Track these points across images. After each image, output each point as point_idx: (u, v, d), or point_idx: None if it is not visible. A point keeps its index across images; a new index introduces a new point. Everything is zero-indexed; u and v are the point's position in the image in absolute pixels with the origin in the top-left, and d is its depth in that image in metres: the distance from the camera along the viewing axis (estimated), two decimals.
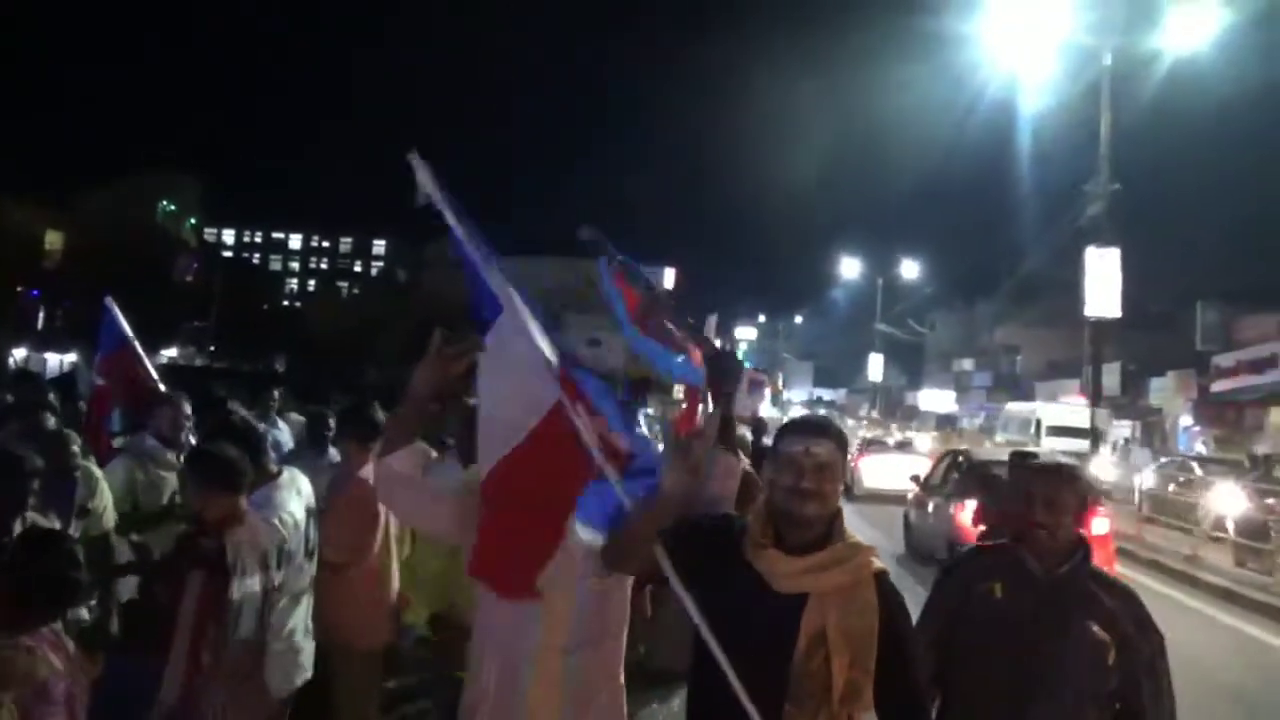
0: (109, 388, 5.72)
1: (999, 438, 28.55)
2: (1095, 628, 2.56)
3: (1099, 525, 9.02)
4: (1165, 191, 31.06)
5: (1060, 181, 22.50)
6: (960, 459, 11.63)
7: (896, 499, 13.37)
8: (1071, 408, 26.07)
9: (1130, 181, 18.33)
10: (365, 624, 4.18)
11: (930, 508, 11.04)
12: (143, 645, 3.07)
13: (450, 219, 2.46)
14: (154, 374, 5.81)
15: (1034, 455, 4.19)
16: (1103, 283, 17.53)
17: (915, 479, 12.32)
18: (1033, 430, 27.19)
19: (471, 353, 2.47)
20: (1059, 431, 25.08)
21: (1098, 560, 2.76)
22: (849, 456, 2.43)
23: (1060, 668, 2.56)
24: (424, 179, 2.42)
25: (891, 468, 17.52)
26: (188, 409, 4.85)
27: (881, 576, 2.30)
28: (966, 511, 8.51)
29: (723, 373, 2.69)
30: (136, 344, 5.79)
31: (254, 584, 3.16)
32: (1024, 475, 2.75)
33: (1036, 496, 2.62)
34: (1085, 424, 20.00)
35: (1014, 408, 32.12)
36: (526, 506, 2.47)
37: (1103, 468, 20.08)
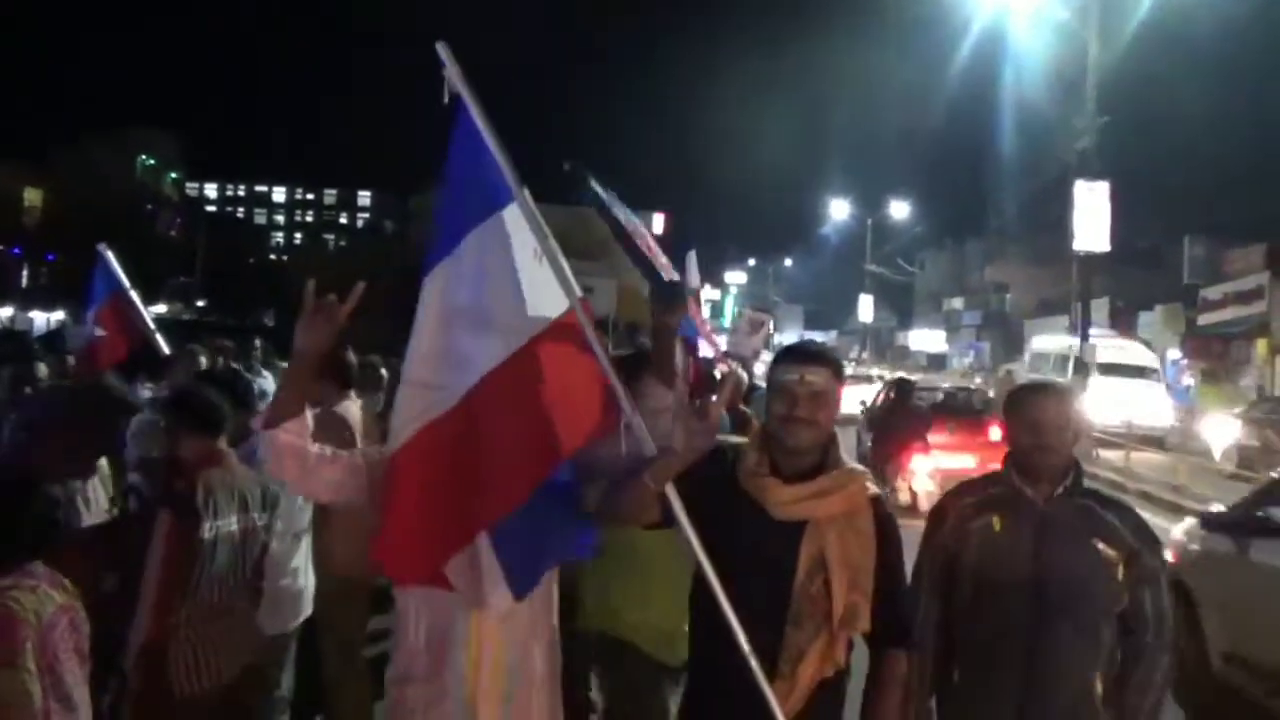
0: (108, 339, 5.69)
1: (1022, 379, 22.81)
2: (1101, 544, 2.51)
3: (994, 433, 10.80)
4: (1154, 124, 30.86)
5: (1049, 116, 22.30)
6: (898, 385, 12.70)
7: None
8: (1122, 345, 21.98)
9: (1119, 114, 18.22)
10: (354, 560, 4.21)
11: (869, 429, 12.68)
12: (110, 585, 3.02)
13: (479, 121, 2.35)
14: (150, 322, 5.76)
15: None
16: (1091, 217, 17.49)
17: (862, 404, 14.03)
18: (1070, 369, 20.59)
19: (343, 308, 2.37)
20: (1112, 370, 20.02)
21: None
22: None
23: (1075, 589, 2.50)
24: (452, 71, 2.33)
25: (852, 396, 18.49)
26: (203, 361, 4.86)
27: (877, 501, 2.33)
28: None
29: (666, 303, 2.60)
30: (132, 292, 5.74)
31: (229, 525, 3.11)
32: (1019, 400, 2.65)
33: (1038, 420, 2.55)
34: (1143, 362, 18.85)
35: (1044, 343, 25.21)
36: (439, 489, 2.34)
37: (1159, 405, 19.10)
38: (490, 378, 2.35)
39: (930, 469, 10.08)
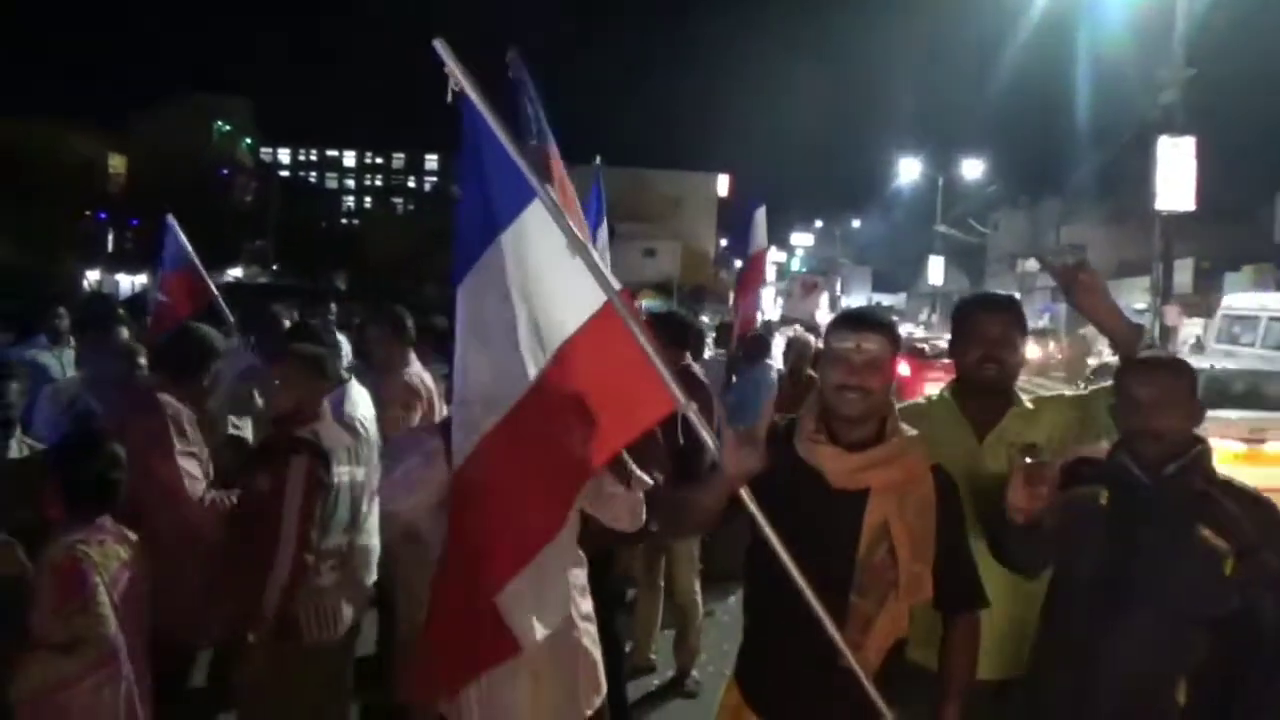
0: (171, 305, 5.93)
1: (1216, 346, 15.65)
2: (1207, 533, 2.20)
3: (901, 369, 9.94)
4: (1242, 77, 29.42)
5: (1132, 69, 21.42)
6: None
7: None
8: None
9: (1206, 67, 17.41)
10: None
11: None
12: (241, 535, 3.18)
13: (486, 115, 2.25)
14: (214, 290, 5.98)
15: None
16: (1175, 174, 16.79)
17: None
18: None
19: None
20: None
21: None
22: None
23: (1158, 578, 2.22)
24: (454, 69, 2.22)
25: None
26: (286, 323, 5.03)
27: (938, 470, 2.31)
28: None
29: (671, 334, 2.74)
30: (196, 260, 5.96)
31: (345, 474, 3.27)
32: (1126, 377, 2.39)
33: (1141, 399, 2.29)
34: None
35: (1244, 301, 16.98)
36: (497, 510, 2.34)
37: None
38: (535, 386, 2.29)
39: None
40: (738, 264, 6.28)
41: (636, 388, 2.24)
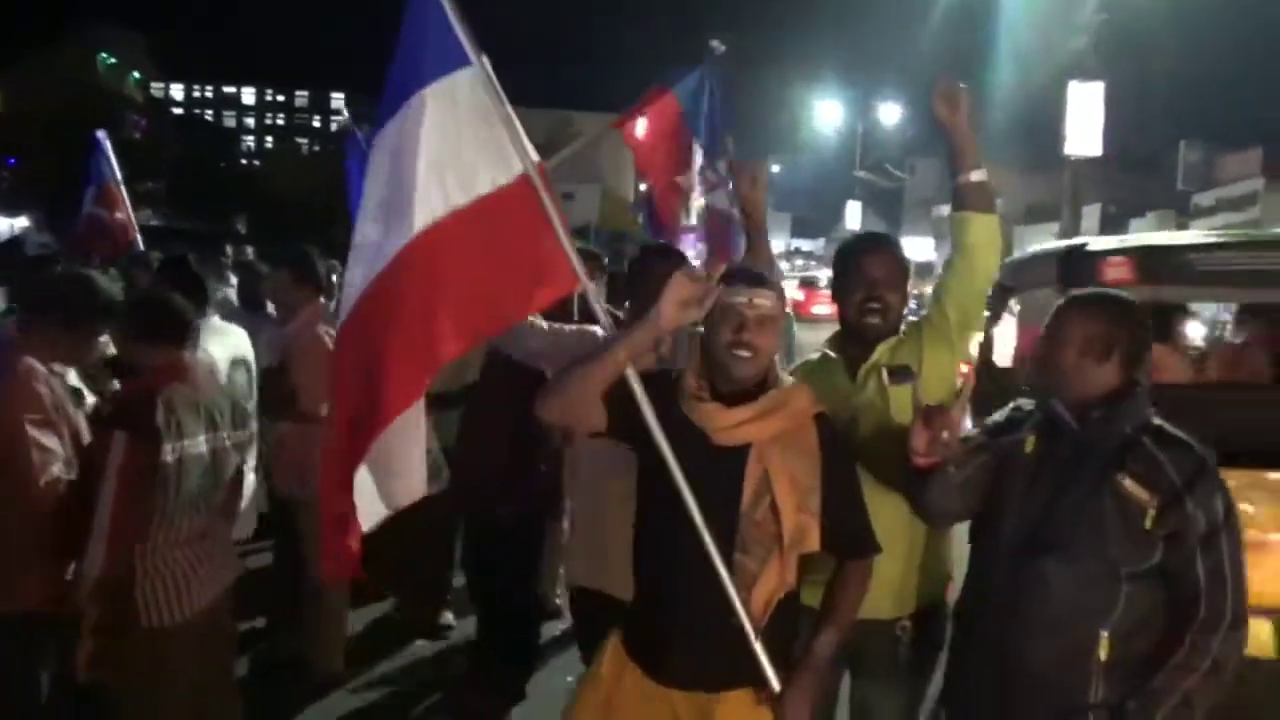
0: (103, 218, 5.91)
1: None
2: (1129, 482, 2.13)
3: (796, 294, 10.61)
4: (1153, 25, 30.24)
5: (1046, 16, 21.81)
6: None
7: None
8: None
9: (1117, 14, 17.82)
10: None
11: None
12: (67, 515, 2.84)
13: None
14: (133, 220, 5.86)
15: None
16: (1085, 119, 17.30)
17: None
18: None
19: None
20: None
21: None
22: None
23: (1076, 529, 2.16)
24: None
25: None
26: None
27: (821, 418, 2.31)
28: None
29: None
30: (121, 187, 5.86)
31: (197, 445, 2.94)
32: (1054, 315, 2.29)
33: (1066, 337, 2.22)
34: None
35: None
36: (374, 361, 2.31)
37: None
38: (424, 236, 2.28)
39: None
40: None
41: (540, 262, 2.29)
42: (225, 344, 4.02)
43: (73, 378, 3.18)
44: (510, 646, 4.20)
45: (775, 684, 2.20)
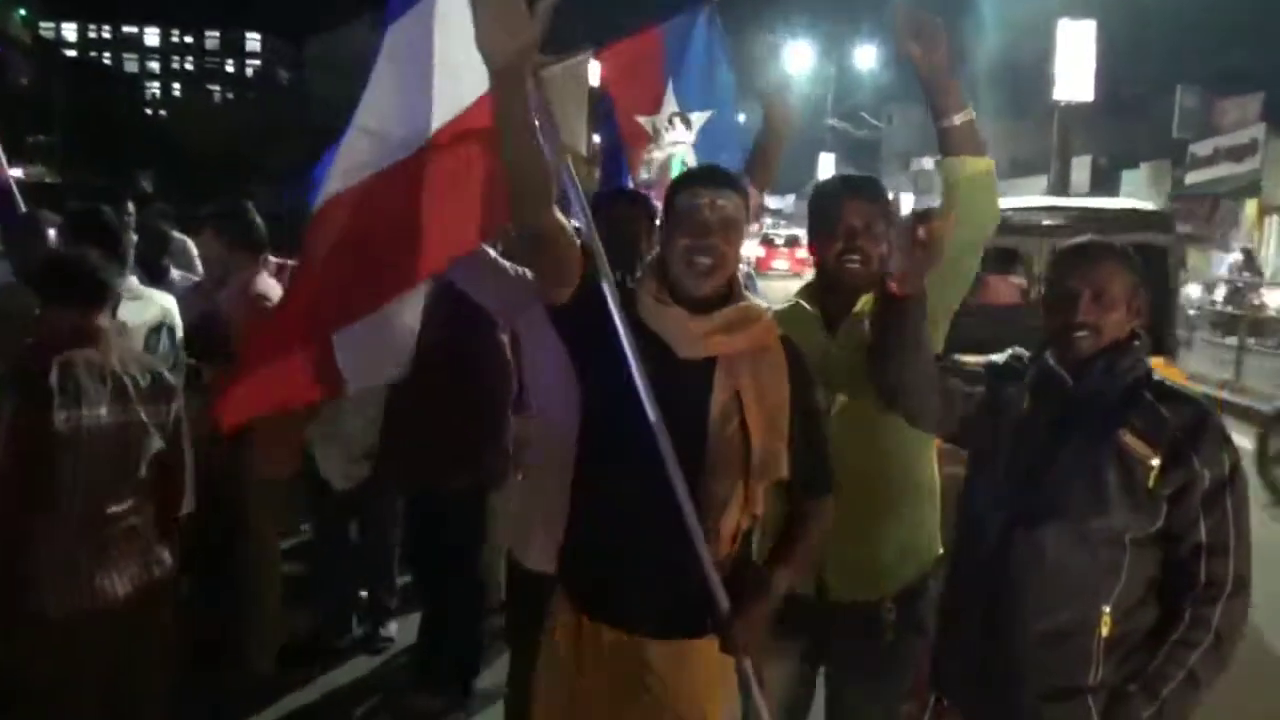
0: None
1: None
2: (1129, 437, 2.11)
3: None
4: None
5: None
6: None
7: None
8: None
9: None
10: (271, 450, 4.20)
11: None
12: None
13: None
14: (6, 172, 5.59)
15: None
16: (1075, 61, 17.39)
17: None
18: None
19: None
20: None
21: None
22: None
23: (1072, 491, 2.13)
24: None
25: None
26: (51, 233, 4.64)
27: (787, 340, 2.30)
28: None
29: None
30: None
31: (97, 416, 2.84)
32: (1059, 265, 2.26)
33: (1078, 288, 2.18)
34: None
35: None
36: (353, 250, 2.55)
37: None
38: (432, 141, 2.49)
39: None
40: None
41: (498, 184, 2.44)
42: (146, 309, 3.93)
43: None
44: (459, 637, 4.22)
45: (725, 602, 2.15)
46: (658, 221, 2.79)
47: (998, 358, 2.43)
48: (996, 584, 2.23)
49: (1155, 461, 2.09)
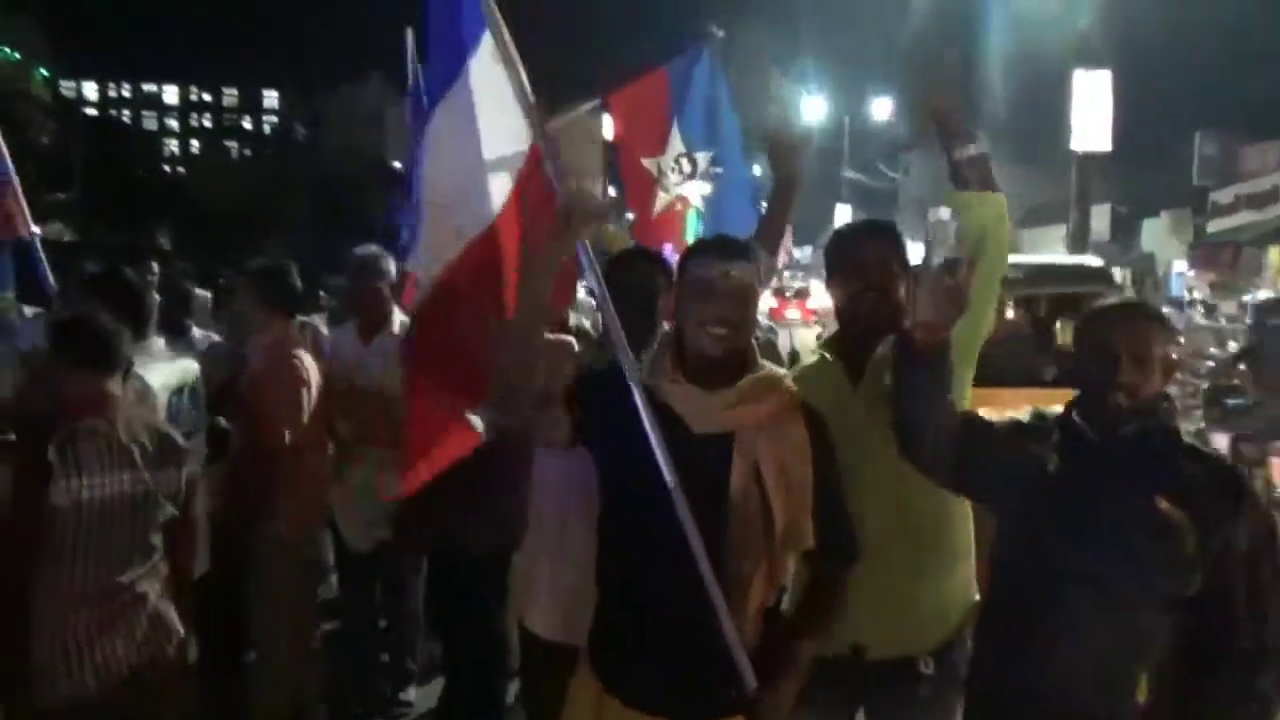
0: None
1: None
2: (1165, 504, 2.09)
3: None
4: (1161, 8, 30.79)
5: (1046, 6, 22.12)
6: None
7: None
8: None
9: None
10: (298, 511, 4.20)
11: None
12: None
13: None
14: (29, 219, 5.70)
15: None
16: (1091, 111, 17.48)
17: None
18: None
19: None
20: None
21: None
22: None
23: (1110, 555, 2.12)
24: None
25: None
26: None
27: (807, 407, 2.31)
28: None
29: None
30: (16, 181, 5.69)
31: (103, 486, 2.80)
32: (1098, 323, 2.27)
33: (1122, 351, 2.16)
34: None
35: None
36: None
37: None
38: (506, 209, 2.61)
39: None
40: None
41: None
42: (169, 371, 3.96)
43: None
44: (478, 700, 4.18)
45: (752, 681, 2.16)
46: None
47: (1021, 416, 2.43)
48: (1036, 648, 2.22)
49: (1191, 527, 2.08)
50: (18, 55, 50.69)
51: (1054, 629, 2.17)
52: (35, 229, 5.68)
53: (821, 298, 21.30)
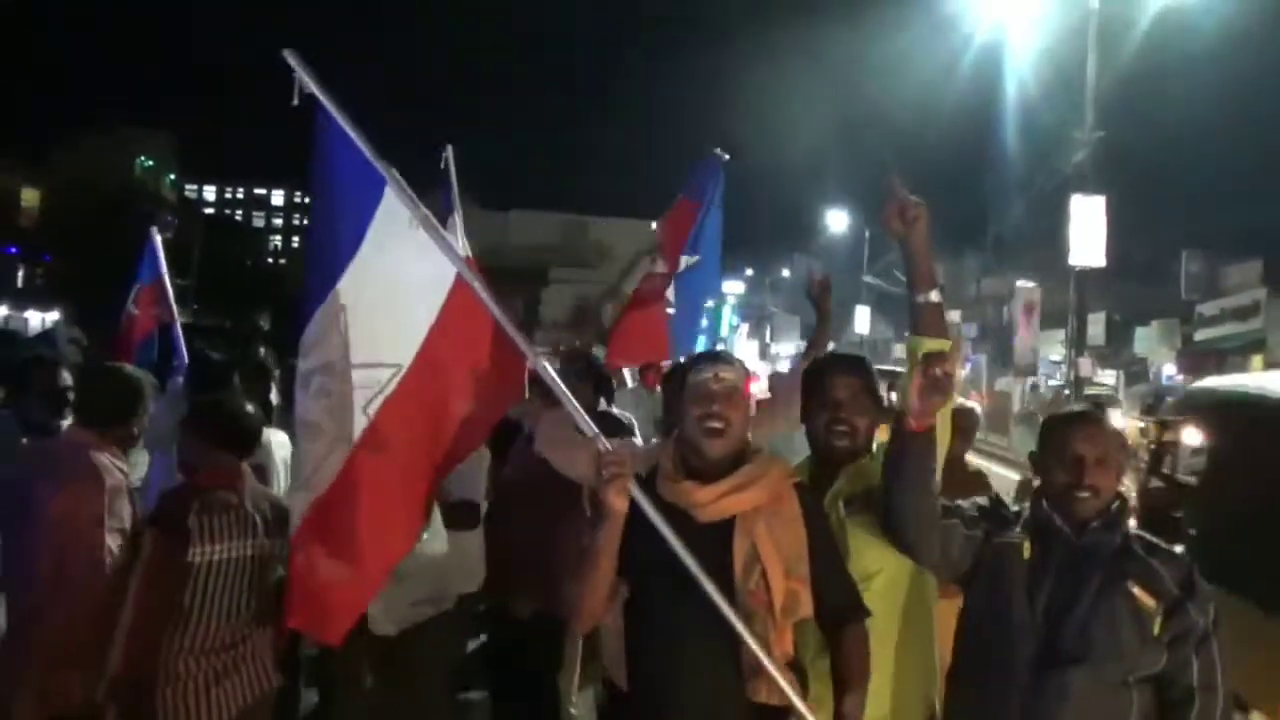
0: (139, 317, 5.86)
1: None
2: (1137, 590, 2.18)
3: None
4: (1151, 138, 30.98)
5: (1048, 129, 22.38)
6: None
7: None
8: None
9: (1117, 128, 18.28)
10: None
11: None
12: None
13: (336, 116, 2.38)
14: (175, 314, 5.89)
15: None
16: (1088, 231, 17.49)
17: None
18: None
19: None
20: None
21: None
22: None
23: (1090, 637, 2.16)
24: (303, 75, 2.37)
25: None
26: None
27: (800, 487, 2.37)
28: None
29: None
30: (168, 278, 5.90)
31: (229, 550, 2.89)
32: (1061, 429, 2.31)
33: (1085, 455, 2.23)
34: None
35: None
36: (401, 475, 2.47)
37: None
38: (423, 349, 2.42)
39: None
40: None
41: (497, 359, 2.40)
42: (279, 443, 4.04)
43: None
44: None
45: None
46: None
47: (983, 502, 2.45)
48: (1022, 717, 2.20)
49: (1159, 611, 2.18)
50: (152, 163, 52.78)
51: (1048, 703, 2.17)
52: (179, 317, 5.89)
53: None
